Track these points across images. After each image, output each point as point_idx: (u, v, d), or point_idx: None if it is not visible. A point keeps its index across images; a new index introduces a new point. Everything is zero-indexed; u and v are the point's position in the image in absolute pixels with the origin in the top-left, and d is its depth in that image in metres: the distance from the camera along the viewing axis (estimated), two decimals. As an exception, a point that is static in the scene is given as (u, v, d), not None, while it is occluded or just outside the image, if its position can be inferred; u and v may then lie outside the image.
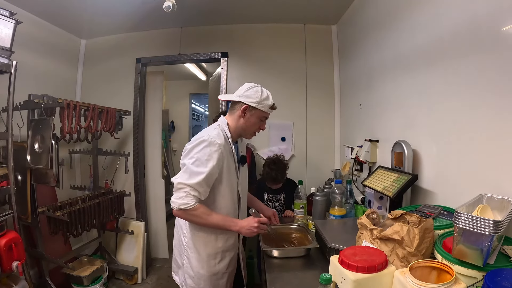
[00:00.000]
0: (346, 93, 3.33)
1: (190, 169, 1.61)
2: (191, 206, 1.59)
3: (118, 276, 3.56)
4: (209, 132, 1.70)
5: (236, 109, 1.82)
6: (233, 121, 1.83)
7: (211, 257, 1.79)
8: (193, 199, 1.60)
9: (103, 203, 3.12)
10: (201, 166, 1.61)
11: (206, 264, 1.78)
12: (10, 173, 2.28)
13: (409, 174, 1.73)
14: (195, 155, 1.63)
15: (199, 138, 1.68)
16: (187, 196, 1.59)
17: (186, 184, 1.59)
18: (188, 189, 1.59)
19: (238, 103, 1.79)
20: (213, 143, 1.64)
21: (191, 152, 1.66)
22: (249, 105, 1.77)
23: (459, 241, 0.98)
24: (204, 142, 1.64)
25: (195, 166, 1.61)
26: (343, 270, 1.09)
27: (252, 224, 1.72)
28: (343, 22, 3.37)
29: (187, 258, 1.80)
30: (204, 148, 1.63)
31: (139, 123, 3.82)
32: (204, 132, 1.74)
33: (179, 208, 1.59)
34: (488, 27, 1.28)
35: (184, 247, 1.81)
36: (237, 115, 1.81)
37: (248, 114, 1.79)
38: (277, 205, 2.79)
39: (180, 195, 1.59)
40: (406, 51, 1.99)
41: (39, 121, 2.51)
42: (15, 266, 2.15)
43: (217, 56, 3.69)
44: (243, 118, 1.80)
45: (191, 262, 1.79)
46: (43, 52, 3.36)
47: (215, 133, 1.71)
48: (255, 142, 3.56)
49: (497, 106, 1.24)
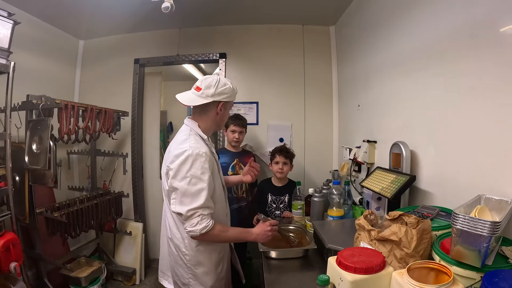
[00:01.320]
0: (344, 94, 3.33)
1: (190, 191, 1.53)
2: (211, 226, 1.55)
3: (116, 277, 3.56)
4: (188, 143, 1.60)
5: (210, 110, 1.74)
6: (208, 121, 1.77)
7: (216, 265, 1.77)
8: (208, 218, 1.55)
9: (101, 204, 3.12)
10: (199, 182, 1.54)
11: (214, 273, 1.75)
12: (8, 174, 2.28)
13: (407, 175, 1.73)
14: (187, 174, 1.53)
15: (181, 153, 1.56)
16: (202, 220, 1.53)
17: (196, 208, 1.52)
18: (200, 211, 1.53)
19: (212, 103, 1.71)
20: (200, 154, 1.56)
21: (180, 172, 1.54)
22: (224, 101, 1.73)
23: (457, 242, 0.98)
24: (191, 157, 1.54)
25: (192, 185, 1.53)
26: (341, 271, 1.09)
27: (266, 229, 1.75)
28: (341, 23, 3.38)
29: (194, 275, 1.72)
30: (194, 162, 1.54)
31: (137, 124, 3.82)
32: (182, 143, 1.63)
33: (201, 233, 1.53)
34: (486, 28, 1.28)
35: (187, 266, 1.71)
36: (213, 114, 1.75)
37: (223, 109, 1.76)
38: (281, 207, 2.78)
39: (195, 222, 1.53)
40: (404, 52, 2.00)
41: (37, 122, 2.50)
42: (13, 267, 2.15)
43: (215, 57, 3.69)
44: (219, 114, 1.76)
45: (199, 278, 1.72)
46: (41, 52, 3.35)
47: (193, 141, 1.62)
48: (254, 143, 3.56)
49: (495, 107, 1.24)
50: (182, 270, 1.74)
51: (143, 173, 3.96)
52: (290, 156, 2.85)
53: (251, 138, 3.52)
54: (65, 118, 2.65)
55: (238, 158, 2.91)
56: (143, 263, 3.63)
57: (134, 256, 3.58)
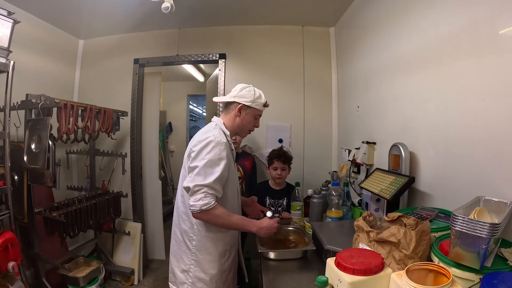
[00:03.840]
0: (344, 95, 3.33)
1: (204, 170, 1.60)
2: (212, 206, 1.58)
3: (115, 277, 3.55)
4: (213, 132, 1.71)
5: (231, 109, 1.86)
6: (229, 120, 1.87)
7: (221, 255, 1.79)
8: (212, 198, 1.59)
9: (99, 204, 3.11)
10: (214, 165, 1.62)
11: (218, 263, 1.77)
12: (7, 173, 2.27)
13: (406, 176, 1.73)
14: (206, 156, 1.63)
15: (205, 139, 1.67)
16: (206, 197, 1.57)
17: (203, 185, 1.57)
18: (206, 189, 1.58)
19: (233, 103, 1.85)
20: (220, 143, 1.66)
21: (200, 154, 1.64)
22: (244, 104, 1.83)
23: (456, 244, 0.98)
24: (212, 143, 1.65)
25: (207, 166, 1.61)
26: (339, 272, 1.09)
27: (273, 224, 1.78)
28: (341, 25, 3.38)
29: (196, 261, 1.75)
30: (214, 148, 1.64)
31: (136, 124, 3.81)
32: (207, 132, 1.74)
33: (201, 209, 1.56)
34: (485, 30, 1.29)
35: (192, 251, 1.75)
36: (233, 114, 1.85)
37: (243, 113, 1.85)
38: (279, 210, 2.78)
39: (199, 197, 1.57)
40: (403, 54, 2.00)
41: (36, 121, 2.50)
42: (11, 267, 2.14)
43: (215, 58, 3.69)
44: (239, 117, 1.85)
45: (201, 265, 1.75)
46: (41, 52, 3.35)
47: (217, 132, 1.73)
48: (253, 144, 3.56)
49: (495, 109, 1.24)
50: (185, 256, 1.78)
51: (142, 173, 3.95)
52: (288, 161, 2.84)
53: (250, 139, 3.52)
54: (64, 118, 2.65)
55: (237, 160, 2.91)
56: (142, 263, 3.62)
57: (133, 256, 3.57)
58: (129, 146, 3.80)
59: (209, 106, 4.76)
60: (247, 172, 2.99)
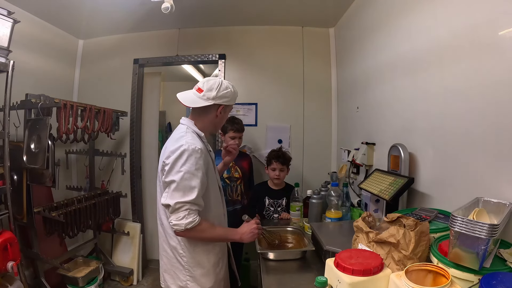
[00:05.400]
0: (344, 95, 3.34)
1: (182, 184, 1.51)
2: (197, 222, 1.52)
3: (114, 277, 3.55)
4: (185, 139, 1.60)
5: (210, 113, 1.73)
6: (206, 122, 1.76)
7: (215, 265, 1.76)
8: (195, 214, 1.53)
9: (99, 204, 3.11)
10: (192, 178, 1.53)
11: (213, 275, 1.74)
12: (6, 173, 2.27)
13: (406, 177, 1.73)
14: (182, 168, 1.52)
15: (177, 148, 1.55)
16: (189, 214, 1.51)
17: (185, 202, 1.50)
18: (188, 205, 1.51)
19: (213, 106, 1.70)
20: (195, 150, 1.56)
21: (175, 166, 1.54)
22: (225, 105, 1.73)
23: (455, 245, 0.98)
24: (186, 152, 1.54)
25: (185, 179, 1.52)
26: (338, 273, 1.09)
27: (251, 227, 1.73)
28: (341, 25, 3.38)
29: (191, 277, 1.70)
30: (189, 158, 1.54)
31: (136, 124, 3.81)
32: (178, 140, 1.61)
33: (186, 228, 1.50)
34: (485, 31, 1.29)
35: (185, 268, 1.69)
36: (213, 116, 1.74)
37: (223, 112, 1.76)
38: (279, 210, 2.77)
39: (181, 215, 1.50)
40: (403, 55, 2.00)
41: (35, 121, 2.50)
42: (10, 267, 2.14)
43: (214, 58, 3.69)
44: (218, 117, 1.76)
45: (197, 280, 1.70)
46: (40, 51, 3.35)
47: (190, 138, 1.62)
48: (252, 144, 3.56)
49: (494, 110, 1.25)
50: (179, 273, 1.71)
51: (141, 174, 3.95)
52: (287, 162, 2.83)
53: (250, 139, 3.52)
54: (64, 118, 2.65)
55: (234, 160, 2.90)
56: (141, 264, 3.61)
57: (132, 256, 3.57)
58: (129, 146, 3.80)
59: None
60: (245, 173, 2.99)
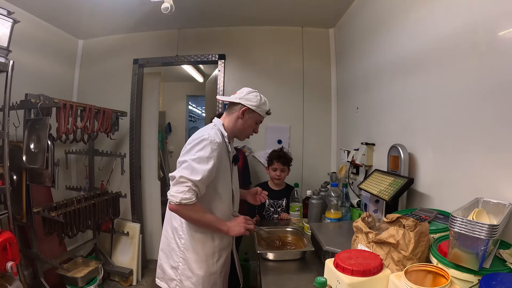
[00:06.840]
0: (343, 96, 3.34)
1: (192, 165, 1.59)
2: (192, 202, 1.56)
3: (113, 277, 3.54)
4: (208, 131, 1.71)
5: (235, 111, 1.85)
6: (230, 122, 1.86)
7: (209, 256, 1.79)
8: (194, 194, 1.57)
9: (98, 204, 3.11)
10: (203, 163, 1.61)
11: (204, 264, 1.78)
12: (6, 173, 2.27)
13: (405, 177, 1.74)
14: (197, 153, 1.63)
15: (199, 137, 1.67)
16: (189, 191, 1.55)
17: (189, 179, 1.56)
18: (191, 184, 1.56)
19: (238, 105, 1.83)
20: (213, 142, 1.66)
21: (192, 150, 1.65)
22: (248, 108, 1.81)
23: (454, 245, 0.98)
24: (205, 141, 1.65)
25: (196, 163, 1.60)
26: (338, 273, 1.09)
27: (239, 221, 1.78)
28: (340, 26, 3.38)
29: (184, 260, 1.77)
30: (205, 146, 1.64)
31: (135, 124, 3.81)
32: (203, 131, 1.75)
33: (180, 202, 1.54)
34: (484, 32, 1.29)
35: (180, 249, 1.78)
36: (236, 116, 1.84)
37: (246, 116, 1.84)
38: (279, 211, 2.77)
39: (181, 189, 1.55)
40: (403, 55, 2.00)
41: (35, 121, 2.49)
42: (9, 267, 2.14)
43: (214, 58, 3.69)
44: (241, 119, 1.84)
45: (189, 264, 1.76)
46: (40, 51, 3.35)
47: (213, 132, 1.73)
48: (252, 145, 3.57)
49: (493, 110, 1.25)
50: (174, 253, 1.80)
51: (141, 174, 3.95)
52: (288, 162, 2.84)
53: (249, 140, 3.51)
54: (64, 118, 2.65)
55: None
56: (140, 264, 3.61)
57: (131, 256, 3.57)
58: (128, 146, 3.80)
59: (208, 107, 4.76)
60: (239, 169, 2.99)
